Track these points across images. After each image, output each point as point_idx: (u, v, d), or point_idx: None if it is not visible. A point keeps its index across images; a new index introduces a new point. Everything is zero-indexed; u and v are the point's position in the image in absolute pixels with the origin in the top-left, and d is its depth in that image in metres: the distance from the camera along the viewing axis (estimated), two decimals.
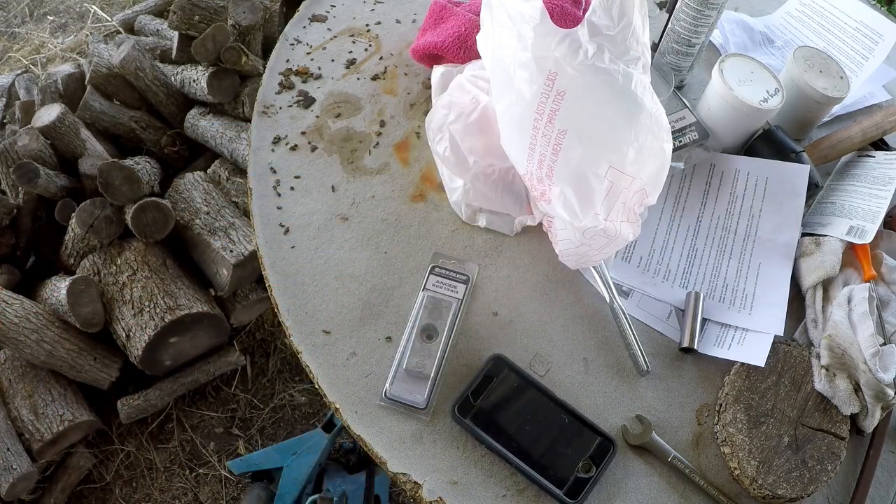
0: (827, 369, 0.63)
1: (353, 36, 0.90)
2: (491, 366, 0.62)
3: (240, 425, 1.51)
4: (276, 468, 1.26)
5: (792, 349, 0.66)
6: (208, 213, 1.39)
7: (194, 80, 1.52)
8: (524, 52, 0.54)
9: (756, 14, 1.04)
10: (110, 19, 2.22)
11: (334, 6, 0.93)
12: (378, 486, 1.24)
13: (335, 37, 0.90)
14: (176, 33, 1.58)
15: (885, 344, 0.61)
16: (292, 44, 0.88)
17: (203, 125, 1.56)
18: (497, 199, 0.71)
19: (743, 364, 0.64)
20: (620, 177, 0.56)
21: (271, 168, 0.76)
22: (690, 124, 0.77)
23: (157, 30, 1.86)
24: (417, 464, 0.58)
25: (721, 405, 0.63)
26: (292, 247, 0.69)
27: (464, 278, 0.67)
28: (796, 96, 0.80)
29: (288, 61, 0.86)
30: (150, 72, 1.56)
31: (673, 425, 0.63)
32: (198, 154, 1.69)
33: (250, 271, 1.38)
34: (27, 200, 1.38)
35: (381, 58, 0.87)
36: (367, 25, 0.91)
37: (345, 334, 0.64)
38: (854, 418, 0.63)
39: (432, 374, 0.61)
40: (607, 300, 0.68)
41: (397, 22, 0.92)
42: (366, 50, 0.88)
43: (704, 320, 0.68)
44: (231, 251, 1.32)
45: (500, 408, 0.60)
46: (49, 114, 1.40)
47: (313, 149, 0.78)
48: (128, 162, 1.46)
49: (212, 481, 1.43)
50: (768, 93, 0.75)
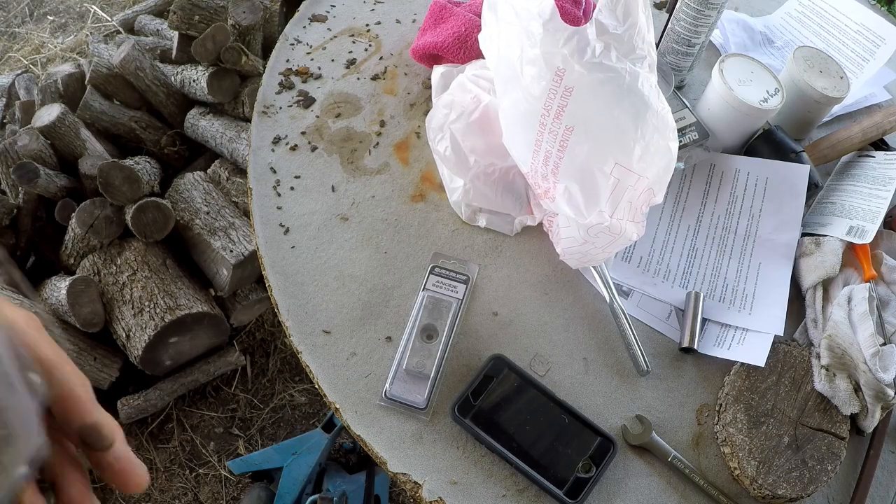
0: (827, 369, 0.63)
1: (353, 36, 0.90)
2: (491, 366, 0.62)
3: (240, 425, 1.51)
4: (276, 468, 1.26)
5: (792, 349, 0.66)
6: (208, 213, 1.39)
7: (194, 80, 1.52)
8: (533, 48, 0.55)
9: (756, 14, 1.04)
10: (110, 19, 2.22)
11: (334, 6, 0.93)
12: (378, 486, 1.24)
13: (335, 37, 0.90)
14: (176, 33, 1.58)
15: (885, 344, 0.61)
16: (292, 44, 0.88)
17: (203, 125, 1.56)
18: (497, 199, 0.71)
19: (743, 364, 0.64)
20: (626, 174, 0.56)
21: (271, 168, 0.76)
22: (690, 124, 0.77)
23: (157, 30, 1.86)
24: (417, 464, 0.58)
25: (721, 405, 0.63)
26: (292, 247, 0.69)
27: (464, 278, 0.67)
28: (796, 96, 0.80)
29: (288, 61, 0.86)
30: (150, 72, 1.56)
31: (673, 425, 0.63)
32: (198, 154, 1.69)
33: (250, 271, 1.38)
34: (27, 200, 1.38)
35: (381, 58, 0.87)
36: (367, 25, 0.91)
37: (345, 334, 0.64)
38: (854, 418, 0.63)
39: (432, 374, 0.61)
40: (607, 300, 0.68)
41: (397, 22, 0.92)
42: (366, 50, 0.88)
43: (704, 320, 0.68)
44: (231, 251, 1.32)
45: (500, 408, 0.60)
46: (49, 114, 1.40)
47: (313, 149, 0.78)
48: (128, 162, 1.46)
49: (212, 481, 1.43)
50: (768, 93, 0.75)
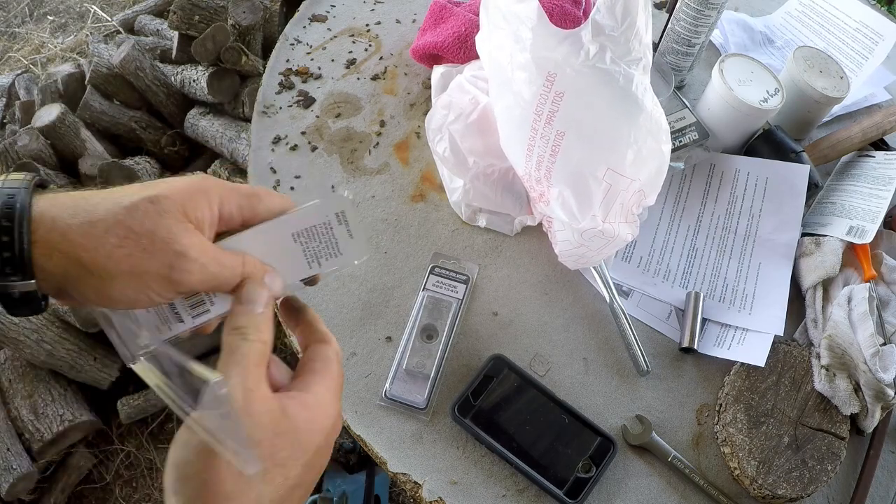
0: (827, 369, 0.63)
1: (353, 36, 0.90)
2: (491, 366, 0.61)
3: None
4: None
5: (792, 349, 0.66)
6: None
7: (194, 80, 1.52)
8: (523, 53, 0.54)
9: (756, 14, 1.04)
10: (110, 19, 2.22)
11: (334, 6, 0.93)
12: (378, 486, 1.24)
13: (335, 37, 0.90)
14: (176, 33, 1.58)
15: (885, 344, 0.61)
16: (292, 44, 0.88)
17: (203, 125, 1.56)
18: (497, 199, 0.71)
19: (743, 364, 0.64)
20: (619, 179, 0.56)
21: (271, 168, 0.76)
22: (690, 124, 0.77)
23: (157, 30, 1.86)
24: (417, 464, 0.58)
25: (721, 405, 0.63)
26: None
27: (464, 278, 0.67)
28: (796, 96, 0.80)
29: (288, 61, 0.86)
30: (150, 72, 1.56)
31: (673, 425, 0.63)
32: (198, 154, 1.69)
33: None
34: None
35: (381, 58, 0.87)
36: (367, 25, 0.91)
37: (345, 334, 0.64)
38: (854, 418, 0.63)
39: (432, 374, 0.61)
40: (607, 300, 0.68)
41: (397, 22, 0.92)
42: (366, 50, 0.88)
43: (704, 320, 0.68)
44: None
45: (500, 408, 0.60)
46: (49, 114, 1.40)
47: (313, 149, 0.78)
48: (128, 162, 1.46)
49: None
50: (768, 93, 0.75)
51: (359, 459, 1.39)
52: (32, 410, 1.25)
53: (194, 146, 1.66)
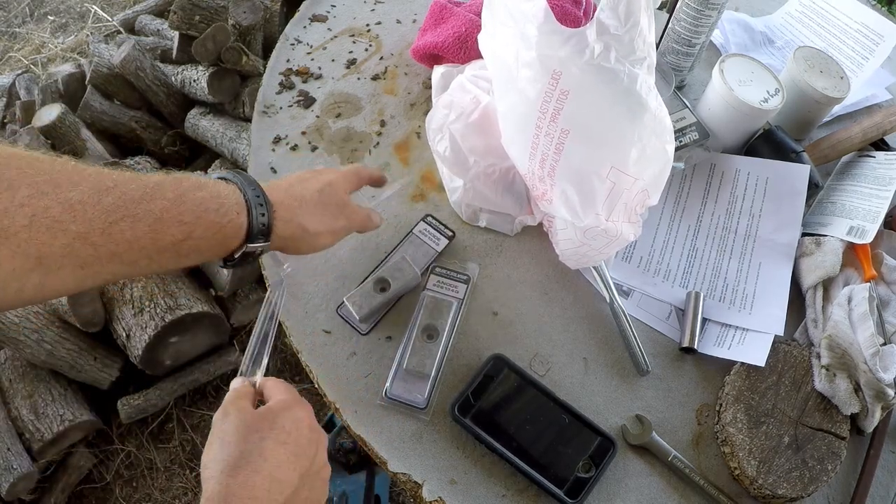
0: (827, 369, 0.63)
1: (353, 36, 0.90)
2: (491, 366, 0.61)
3: None
4: None
5: (792, 349, 0.66)
6: None
7: (194, 80, 1.52)
8: (528, 50, 0.54)
9: (756, 14, 1.04)
10: (111, 19, 2.22)
11: (334, 6, 0.93)
12: (378, 486, 1.24)
13: (335, 37, 0.90)
14: (176, 33, 1.58)
15: (885, 344, 0.61)
16: (293, 44, 0.88)
17: (203, 125, 1.56)
18: (497, 199, 0.71)
19: (743, 364, 0.64)
20: (622, 177, 0.56)
21: (271, 168, 0.76)
22: (690, 124, 0.77)
23: (158, 30, 1.86)
24: (417, 463, 0.58)
25: (721, 405, 0.63)
26: None
27: (464, 278, 0.67)
28: (796, 96, 0.80)
29: (288, 61, 0.86)
30: (151, 72, 1.56)
31: (673, 425, 0.63)
32: (198, 154, 1.69)
33: (250, 271, 1.38)
34: None
35: (381, 58, 0.87)
36: (368, 25, 0.91)
37: (345, 334, 0.64)
38: (854, 418, 0.63)
39: (432, 374, 0.61)
40: (607, 300, 0.68)
41: (397, 22, 0.92)
42: (366, 50, 0.88)
43: (704, 320, 0.68)
44: None
45: (500, 408, 0.60)
46: (49, 114, 1.40)
47: (313, 149, 0.78)
48: (128, 162, 1.47)
49: None
50: (768, 93, 0.75)
51: (359, 459, 1.39)
52: (33, 410, 1.25)
53: (194, 146, 1.67)
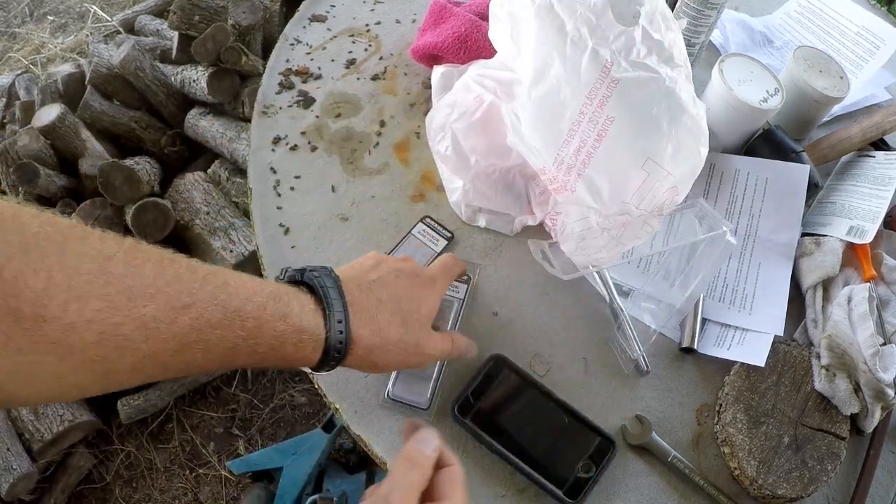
0: (827, 369, 0.63)
1: (353, 36, 0.90)
2: (491, 366, 0.61)
3: (240, 425, 1.51)
4: (276, 468, 1.26)
5: (792, 349, 0.66)
6: (208, 214, 1.39)
7: (194, 80, 1.52)
8: (584, 39, 0.57)
9: (756, 14, 1.04)
10: (110, 19, 2.22)
11: (334, 6, 0.93)
12: None
13: (335, 37, 0.90)
14: (176, 33, 1.58)
15: (885, 344, 0.61)
16: (292, 44, 0.88)
17: (203, 125, 1.56)
18: (497, 199, 0.71)
19: (743, 364, 0.64)
20: (657, 170, 0.58)
21: (271, 168, 0.76)
22: None
23: (157, 30, 1.86)
24: None
25: (721, 405, 0.63)
26: (292, 247, 0.69)
27: (465, 278, 0.67)
28: (796, 96, 0.80)
29: (288, 61, 0.86)
30: (150, 72, 1.56)
31: (673, 425, 0.63)
32: (198, 154, 1.69)
33: (250, 271, 1.38)
34: (27, 201, 1.38)
35: (381, 58, 0.87)
36: (367, 25, 0.91)
37: None
38: (854, 418, 0.63)
39: (434, 374, 0.61)
40: (607, 300, 0.68)
41: (397, 22, 0.92)
42: (366, 50, 0.88)
43: (704, 320, 0.68)
44: (231, 251, 1.32)
45: (500, 408, 0.60)
46: (49, 114, 1.40)
47: (313, 149, 0.78)
48: (128, 162, 1.46)
49: (212, 481, 1.43)
50: (768, 93, 0.75)
51: (359, 459, 1.39)
52: (32, 410, 1.25)
53: (194, 146, 1.66)
